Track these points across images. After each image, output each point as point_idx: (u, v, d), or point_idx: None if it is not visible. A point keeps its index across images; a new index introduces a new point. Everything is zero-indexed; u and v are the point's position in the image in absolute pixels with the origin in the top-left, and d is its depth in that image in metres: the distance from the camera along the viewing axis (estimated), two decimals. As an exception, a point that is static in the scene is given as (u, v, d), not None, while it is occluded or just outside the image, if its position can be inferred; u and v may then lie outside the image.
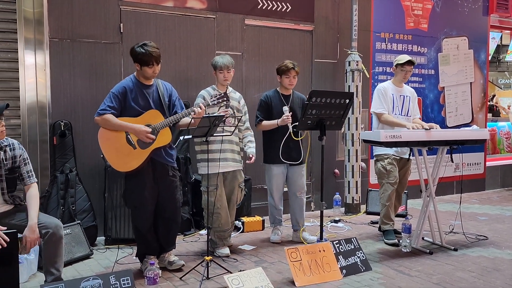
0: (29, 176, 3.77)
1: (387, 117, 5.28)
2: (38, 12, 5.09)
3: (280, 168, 5.25)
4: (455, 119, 8.41)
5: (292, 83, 5.22)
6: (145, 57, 4.11)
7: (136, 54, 4.15)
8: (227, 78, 4.87)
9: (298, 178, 5.30)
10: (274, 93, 5.31)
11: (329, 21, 7.09)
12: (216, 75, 4.89)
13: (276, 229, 5.45)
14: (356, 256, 4.48)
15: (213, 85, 5.00)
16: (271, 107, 5.21)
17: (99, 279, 3.54)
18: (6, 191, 3.68)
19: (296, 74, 5.22)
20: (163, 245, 4.44)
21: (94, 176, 5.44)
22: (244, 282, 3.79)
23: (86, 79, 5.45)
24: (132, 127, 4.10)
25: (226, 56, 4.93)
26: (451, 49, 8.29)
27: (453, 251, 5.02)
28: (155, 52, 4.15)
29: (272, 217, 5.47)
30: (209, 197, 4.80)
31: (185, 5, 5.99)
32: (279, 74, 5.27)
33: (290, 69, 5.16)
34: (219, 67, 4.83)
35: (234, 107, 4.95)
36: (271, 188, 5.33)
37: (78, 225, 4.85)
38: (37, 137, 5.15)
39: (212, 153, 4.70)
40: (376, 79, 7.45)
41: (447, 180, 7.43)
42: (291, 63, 5.18)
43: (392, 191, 5.28)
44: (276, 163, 5.20)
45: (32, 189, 3.74)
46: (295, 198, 5.34)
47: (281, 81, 5.26)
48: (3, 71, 5.02)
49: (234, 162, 4.89)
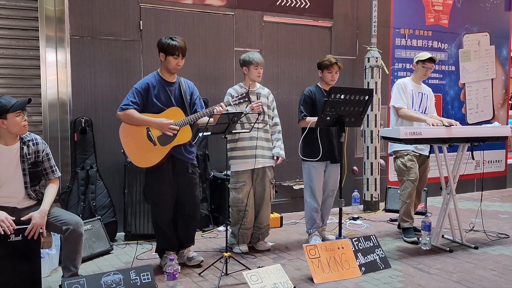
0: (52, 171, 3.84)
1: (406, 111, 5.23)
2: (59, 10, 5.15)
3: (322, 166, 5.09)
4: (475, 116, 8.32)
5: (334, 78, 5.07)
6: (171, 46, 4.17)
7: (163, 44, 4.21)
8: (260, 74, 4.86)
9: (336, 176, 5.12)
10: (316, 88, 5.16)
11: (348, 17, 7.05)
12: (249, 71, 4.83)
13: (315, 235, 5.12)
14: (375, 253, 4.45)
15: (240, 83, 4.98)
16: (315, 102, 5.07)
17: (120, 274, 3.58)
18: (29, 185, 3.73)
19: (338, 69, 5.09)
20: (182, 241, 4.47)
21: (114, 172, 5.50)
22: (263, 278, 3.79)
23: (106, 76, 5.50)
24: (155, 120, 4.14)
25: (256, 53, 4.91)
26: (472, 45, 8.19)
27: (474, 249, 4.97)
28: (183, 43, 4.23)
29: (311, 222, 5.11)
30: (237, 193, 4.80)
31: (204, 2, 6.00)
32: (320, 68, 5.11)
33: (333, 64, 5.02)
34: (254, 63, 4.79)
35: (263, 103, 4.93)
36: (313, 188, 5.06)
37: (99, 221, 4.90)
38: (58, 134, 5.22)
39: (242, 150, 4.75)
40: (396, 76, 7.39)
41: (467, 177, 7.36)
42: (333, 58, 5.05)
43: (412, 188, 5.24)
44: (319, 160, 5.01)
45: (53, 183, 3.85)
46: (328, 196, 5.19)
47: (323, 76, 5.11)
48: (25, 69, 5.10)
49: (263, 159, 4.86)
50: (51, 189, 3.80)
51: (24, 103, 3.61)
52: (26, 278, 3.53)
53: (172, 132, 4.12)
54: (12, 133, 3.63)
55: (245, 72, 4.88)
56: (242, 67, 4.89)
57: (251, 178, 4.84)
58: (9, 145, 3.65)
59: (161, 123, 4.12)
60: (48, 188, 3.81)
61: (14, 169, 3.67)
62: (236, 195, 4.81)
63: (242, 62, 4.88)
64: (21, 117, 3.61)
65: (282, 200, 6.52)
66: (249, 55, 4.86)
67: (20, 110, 3.59)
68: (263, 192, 4.93)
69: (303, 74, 6.65)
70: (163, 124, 4.12)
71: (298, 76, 6.68)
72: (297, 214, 6.49)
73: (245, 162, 4.77)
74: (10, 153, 3.65)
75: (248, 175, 4.81)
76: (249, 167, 4.78)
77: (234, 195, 4.83)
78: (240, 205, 4.80)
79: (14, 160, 3.66)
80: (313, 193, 5.06)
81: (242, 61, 4.87)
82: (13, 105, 3.56)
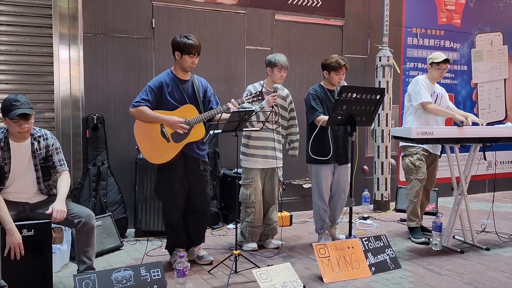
0: (61, 164, 3.87)
1: (435, 106, 5.20)
2: (73, 8, 5.19)
3: (330, 168, 5.04)
4: (488, 116, 8.26)
5: (341, 79, 4.99)
6: (188, 45, 4.18)
7: (179, 42, 4.22)
8: (283, 78, 4.86)
9: (346, 178, 5.07)
10: (320, 87, 5.09)
11: (360, 16, 7.03)
12: (273, 73, 4.83)
13: (325, 235, 5.09)
14: (385, 253, 4.44)
15: (260, 81, 4.96)
16: (321, 101, 5.02)
17: (130, 270, 3.60)
18: (41, 180, 3.77)
19: (345, 71, 5.01)
20: (193, 239, 4.49)
21: (125, 169, 5.53)
22: (273, 277, 3.79)
23: (119, 73, 5.53)
24: (166, 118, 4.16)
25: (283, 56, 4.88)
26: (484, 44, 8.13)
27: (485, 250, 4.94)
28: (198, 42, 4.24)
29: (320, 222, 5.07)
30: (245, 189, 4.83)
31: (216, 1, 6.01)
32: (326, 69, 5.00)
33: (342, 66, 4.92)
34: (279, 65, 4.79)
35: (279, 105, 4.92)
36: (321, 190, 5.01)
37: (109, 217, 4.93)
38: (70, 130, 5.26)
39: (254, 149, 4.80)
40: (408, 75, 7.36)
41: (479, 178, 7.28)
42: (342, 60, 4.94)
43: (420, 187, 5.21)
44: (326, 163, 4.96)
45: (64, 176, 3.86)
46: (339, 198, 5.14)
47: (330, 77, 4.99)
48: (39, 65, 5.14)
49: (274, 160, 4.87)
50: (64, 181, 3.83)
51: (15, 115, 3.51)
52: (37, 273, 3.57)
53: (182, 130, 4.14)
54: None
55: (268, 73, 4.88)
56: (267, 67, 4.88)
57: (260, 176, 4.86)
58: (20, 141, 3.68)
59: (172, 120, 4.14)
60: (61, 180, 3.83)
61: (26, 164, 3.71)
62: (245, 191, 4.84)
63: (267, 62, 4.88)
64: (18, 124, 3.56)
65: (292, 198, 6.52)
66: (275, 56, 4.84)
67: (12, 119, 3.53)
68: (272, 190, 4.96)
69: (314, 73, 6.62)
70: (174, 122, 4.13)
71: (309, 75, 6.67)
72: (307, 212, 6.48)
73: (256, 161, 4.79)
74: (21, 149, 3.69)
75: (257, 173, 4.83)
76: (259, 166, 4.81)
77: (242, 190, 4.87)
78: (248, 202, 4.83)
79: (26, 156, 3.70)
80: (321, 195, 5.02)
81: (268, 62, 4.87)
82: (9, 112, 3.52)
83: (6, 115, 3.55)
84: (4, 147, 3.63)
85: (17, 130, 3.59)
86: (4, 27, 4.99)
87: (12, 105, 3.54)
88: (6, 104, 3.57)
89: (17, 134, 3.62)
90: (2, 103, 3.62)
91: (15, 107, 3.54)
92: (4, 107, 3.58)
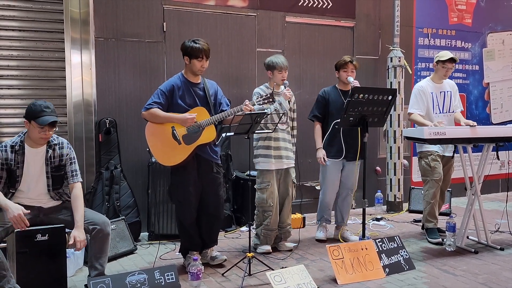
0: (72, 175, 3.82)
1: (413, 116, 5.24)
2: (84, 12, 5.22)
3: (337, 164, 5.15)
4: (500, 115, 8.20)
5: (348, 76, 5.03)
6: (195, 49, 4.21)
7: (187, 47, 4.25)
8: (285, 78, 4.85)
9: (354, 175, 5.20)
10: (332, 88, 5.19)
11: (371, 17, 7.01)
12: (274, 75, 4.84)
13: (322, 227, 5.39)
14: (399, 254, 4.42)
15: (266, 83, 4.98)
16: (328, 103, 5.11)
17: (144, 274, 3.62)
18: (51, 188, 3.77)
19: (354, 68, 5.08)
20: (206, 241, 4.49)
21: (138, 173, 5.55)
22: (286, 279, 3.79)
23: (131, 77, 5.56)
24: (178, 117, 4.19)
25: (281, 56, 4.89)
26: (496, 44, 8.08)
27: (500, 250, 4.90)
28: (206, 46, 4.26)
29: (320, 214, 5.40)
30: (261, 194, 4.83)
31: (227, 4, 6.03)
32: (337, 69, 5.14)
33: (347, 63, 5.02)
34: (278, 68, 4.79)
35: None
36: (326, 186, 5.24)
37: (123, 221, 4.95)
38: (83, 134, 5.28)
39: (267, 150, 4.80)
40: (419, 75, 7.33)
41: (492, 178, 7.23)
42: (348, 57, 5.06)
43: (437, 188, 5.19)
44: (333, 158, 5.12)
45: (76, 190, 3.79)
46: (346, 195, 5.27)
47: (340, 76, 5.13)
48: (51, 70, 5.17)
49: (288, 160, 4.90)
50: (78, 201, 3.73)
51: (47, 121, 3.56)
52: (52, 277, 3.59)
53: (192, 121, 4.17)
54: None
55: (270, 76, 4.89)
56: (267, 70, 4.89)
57: (275, 178, 4.86)
58: (35, 147, 3.70)
59: (185, 118, 4.17)
60: (74, 201, 3.73)
61: (39, 171, 3.72)
62: (261, 195, 4.83)
63: (266, 66, 4.89)
64: (43, 130, 3.60)
65: (305, 200, 6.50)
66: (272, 59, 4.84)
67: (43, 125, 3.57)
68: (286, 191, 4.96)
69: (326, 75, 6.62)
70: (186, 119, 4.16)
71: (320, 76, 6.66)
72: (320, 214, 6.46)
73: (270, 161, 4.80)
74: (36, 156, 3.71)
75: (272, 175, 4.82)
76: (273, 167, 4.81)
77: (259, 195, 4.86)
78: (265, 206, 4.82)
79: (39, 163, 3.72)
80: (326, 189, 5.24)
81: (267, 65, 4.88)
82: (39, 117, 3.56)
83: (34, 119, 3.57)
84: (18, 151, 3.65)
85: (40, 136, 3.61)
86: (16, 33, 5.03)
87: (42, 111, 3.57)
88: (36, 110, 3.58)
89: (38, 139, 3.64)
90: (30, 107, 3.62)
91: (46, 113, 3.57)
92: (32, 111, 3.59)
